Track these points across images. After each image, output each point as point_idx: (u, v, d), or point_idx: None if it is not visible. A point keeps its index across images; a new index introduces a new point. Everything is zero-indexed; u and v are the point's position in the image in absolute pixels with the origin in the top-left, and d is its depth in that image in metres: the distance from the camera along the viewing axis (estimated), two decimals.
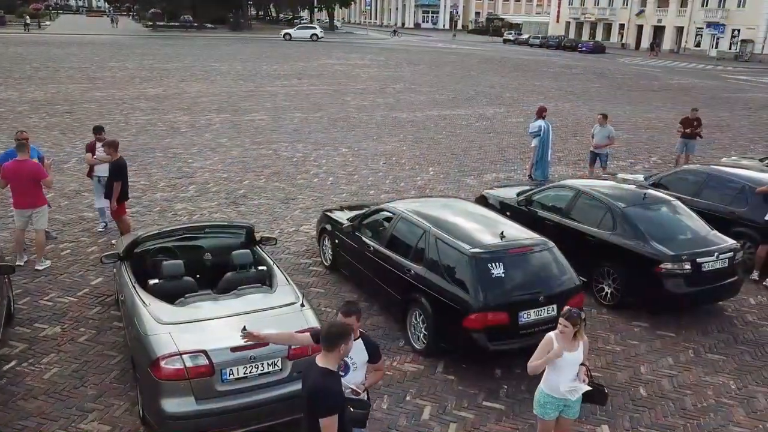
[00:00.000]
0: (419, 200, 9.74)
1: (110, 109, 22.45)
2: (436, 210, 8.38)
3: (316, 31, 64.57)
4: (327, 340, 4.25)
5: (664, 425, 6.56)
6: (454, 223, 7.72)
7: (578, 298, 7.27)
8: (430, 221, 7.77)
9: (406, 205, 8.59)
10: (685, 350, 8.06)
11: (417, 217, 7.99)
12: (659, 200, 9.50)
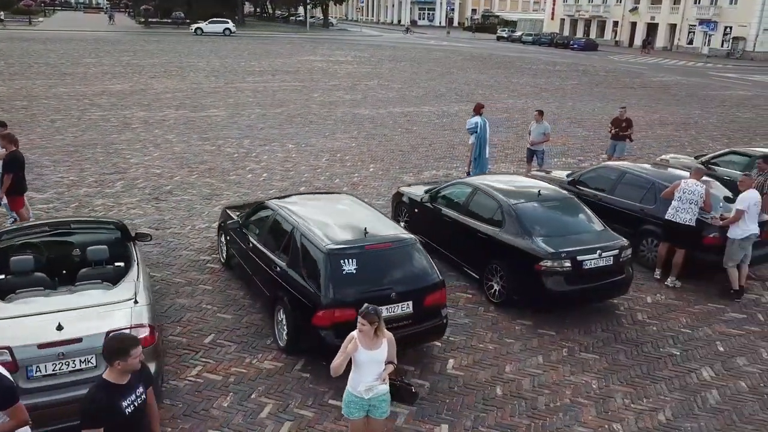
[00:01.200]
0: (305, 196, 9.66)
1: (69, 104, 22.44)
2: (313, 207, 8.32)
3: (229, 26, 63.41)
4: (104, 354, 4.20)
5: (508, 425, 6.48)
6: (323, 221, 7.64)
7: (438, 295, 7.19)
8: (300, 218, 7.70)
9: (283, 201, 8.52)
10: (560, 349, 7.97)
11: (288, 213, 7.92)
12: (553, 197, 9.40)
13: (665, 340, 8.30)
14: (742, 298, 9.62)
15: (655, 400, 7.00)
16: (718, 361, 7.88)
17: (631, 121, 15.69)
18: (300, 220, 7.59)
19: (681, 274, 9.88)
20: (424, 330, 7.19)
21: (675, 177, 10.41)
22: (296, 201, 8.61)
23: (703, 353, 8.05)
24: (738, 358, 7.97)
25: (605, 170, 11.76)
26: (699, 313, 9.12)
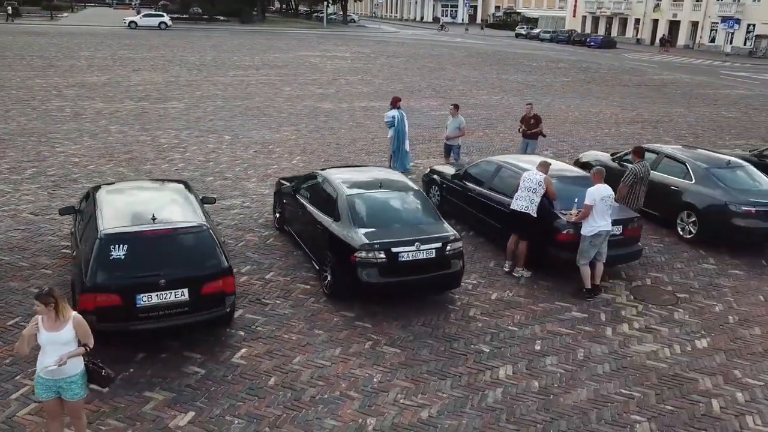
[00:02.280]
0: (136, 183, 9.68)
1: (35, 95, 22.95)
2: (128, 193, 8.39)
3: (164, 19, 62.44)
4: None
5: (258, 414, 6.40)
6: (120, 207, 7.70)
7: (221, 283, 7.14)
8: (98, 204, 7.74)
9: (111, 187, 8.59)
10: (364, 342, 7.85)
11: (92, 199, 8.01)
12: (395, 189, 9.25)
13: (482, 337, 8.10)
14: (595, 298, 9.29)
15: (430, 397, 6.84)
16: (524, 360, 7.66)
17: (540, 118, 15.22)
18: (98, 207, 7.59)
19: (527, 264, 9.81)
20: (203, 319, 7.14)
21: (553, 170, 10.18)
22: (121, 188, 8.64)
23: (515, 352, 7.83)
24: (549, 358, 7.74)
25: (486, 164, 11.54)
26: (539, 311, 8.88)
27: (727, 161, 12.11)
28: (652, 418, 6.70)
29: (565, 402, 6.88)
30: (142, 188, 9.09)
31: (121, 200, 7.89)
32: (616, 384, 7.27)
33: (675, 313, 9.08)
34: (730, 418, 6.76)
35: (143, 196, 8.32)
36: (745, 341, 8.40)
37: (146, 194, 8.43)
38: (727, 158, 12.36)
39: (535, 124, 14.86)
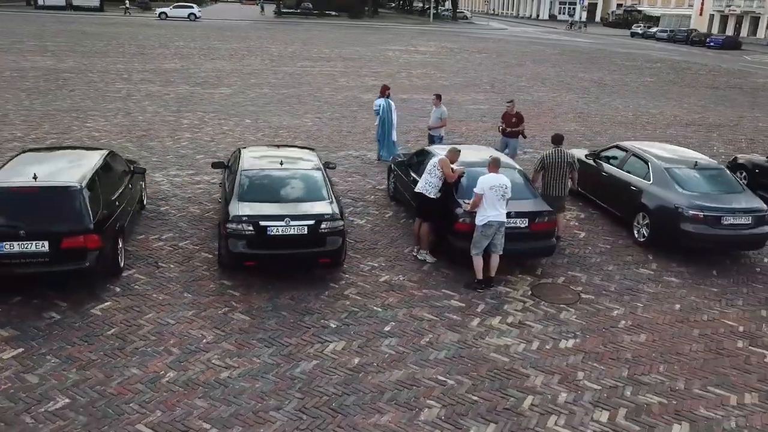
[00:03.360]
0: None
1: (104, 78, 25.25)
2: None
3: (194, 11, 62.99)
4: None
5: (76, 357, 7.03)
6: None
7: (82, 240, 7.82)
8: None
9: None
10: (222, 308, 8.27)
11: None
12: (294, 167, 9.57)
13: (338, 315, 8.27)
14: (487, 290, 9.12)
15: (243, 361, 7.17)
16: (362, 339, 7.77)
17: (522, 116, 14.58)
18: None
19: (432, 248, 9.87)
20: (64, 270, 7.86)
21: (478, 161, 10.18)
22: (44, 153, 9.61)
23: (359, 330, 7.96)
24: (389, 339, 7.80)
25: (419, 154, 11.63)
26: (418, 297, 8.88)
27: (695, 162, 11.28)
28: (449, 405, 6.62)
29: (370, 380, 6.95)
30: (63, 155, 9.97)
31: (23, 160, 8.82)
32: (437, 371, 7.21)
33: (563, 312, 8.73)
34: (532, 416, 6.55)
35: (54, 160, 9.22)
36: (617, 346, 7.96)
37: (57, 159, 9.33)
38: (698, 159, 11.50)
39: (516, 123, 14.36)
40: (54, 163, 9.02)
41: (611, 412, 6.69)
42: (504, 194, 8.93)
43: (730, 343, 8.19)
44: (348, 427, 6.20)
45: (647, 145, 12.95)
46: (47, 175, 8.34)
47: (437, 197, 9.71)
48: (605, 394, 6.99)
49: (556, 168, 10.77)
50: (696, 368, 7.60)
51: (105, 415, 6.15)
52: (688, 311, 8.97)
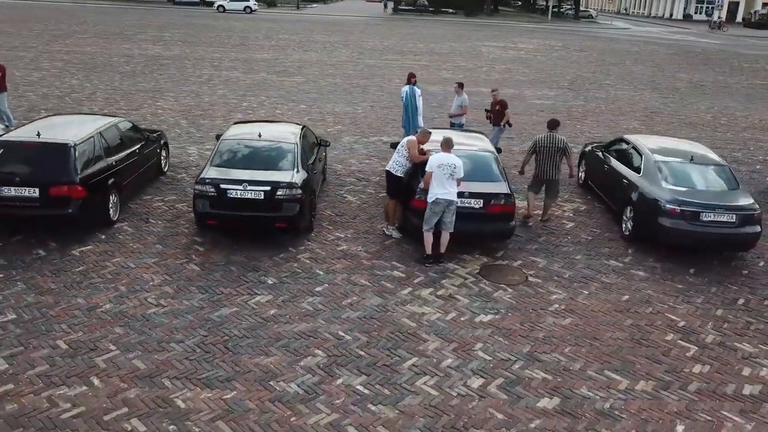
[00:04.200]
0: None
1: (196, 64, 27.49)
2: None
3: (249, 4, 62.78)
4: None
5: (29, 280, 8.28)
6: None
7: (66, 189, 9.09)
8: None
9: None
10: (182, 259, 9.25)
11: None
12: (273, 141, 10.31)
13: (278, 274, 8.97)
14: (435, 265, 9.48)
15: (179, 302, 8.07)
16: (272, 295, 8.42)
17: (506, 104, 14.38)
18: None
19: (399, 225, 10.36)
20: (50, 214, 9.18)
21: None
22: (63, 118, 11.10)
23: (294, 289, 8.60)
24: (311, 298, 8.39)
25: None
26: (365, 266, 9.38)
27: (691, 157, 10.87)
28: (332, 356, 7.14)
29: (274, 329, 7.61)
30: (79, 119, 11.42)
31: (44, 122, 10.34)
32: (341, 327, 7.73)
33: (500, 291, 8.90)
34: (407, 374, 6.93)
35: (68, 123, 10.69)
36: (534, 326, 8.07)
37: (70, 122, 10.78)
38: (697, 155, 11.06)
39: (500, 111, 14.31)
40: (65, 126, 10.44)
41: (486, 380, 6.91)
42: (453, 173, 9.20)
43: (657, 335, 8.03)
44: (231, 363, 6.91)
45: (655, 138, 12.56)
46: (51, 133, 9.68)
47: (405, 176, 10.13)
48: (492, 365, 7.19)
49: (547, 152, 10.97)
50: (604, 353, 7.57)
51: (38, 330, 7.27)
52: (635, 303, 8.82)
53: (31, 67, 24.48)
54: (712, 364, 7.50)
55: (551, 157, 11.04)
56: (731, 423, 6.48)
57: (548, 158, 11.06)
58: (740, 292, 9.31)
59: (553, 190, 11.40)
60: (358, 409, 6.32)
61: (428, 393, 6.64)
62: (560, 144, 11.04)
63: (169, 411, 6.12)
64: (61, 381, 6.44)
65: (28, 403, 6.10)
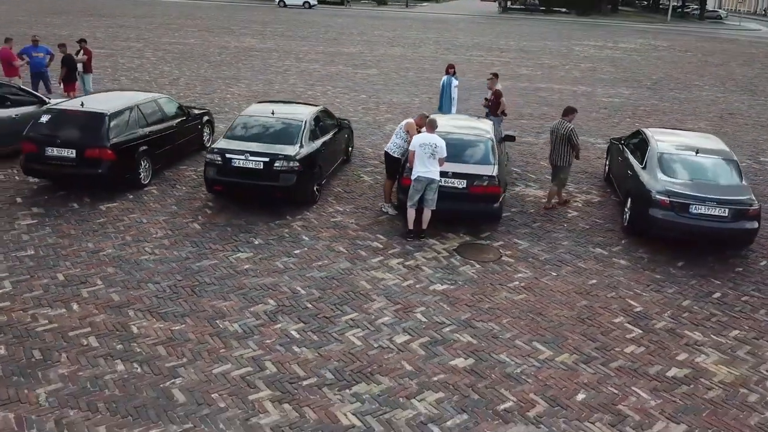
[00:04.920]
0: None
1: (282, 56, 29.17)
2: None
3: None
4: None
5: (49, 222, 9.72)
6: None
7: (98, 152, 10.50)
8: None
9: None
10: (189, 220, 10.42)
11: None
12: (282, 120, 11.23)
13: (268, 238, 9.89)
14: (415, 240, 10.02)
15: (170, 252, 9.22)
16: (252, 252, 9.33)
17: (499, 94, 14.19)
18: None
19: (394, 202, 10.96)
20: (85, 173, 10.65)
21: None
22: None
23: (273, 251, 9.50)
24: (286, 259, 9.24)
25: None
26: (351, 236, 10.07)
27: (697, 150, 10.67)
28: (282, 305, 7.94)
29: (240, 280, 8.50)
30: (126, 95, 12.89)
31: (96, 96, 11.85)
32: (301, 284, 8.50)
33: (467, 266, 9.31)
34: (340, 325, 7.58)
35: (115, 96, 12.15)
36: (484, 298, 8.43)
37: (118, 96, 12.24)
38: (704, 148, 10.83)
39: (494, 101, 14.27)
40: (108, 99, 11.93)
41: (412, 338, 7.44)
42: (433, 153, 9.70)
43: (606, 318, 8.15)
44: (192, 303, 7.89)
45: (671, 132, 12.31)
46: (93, 104, 11.16)
47: (403, 157, 10.71)
48: (424, 326, 7.69)
49: (554, 138, 11.28)
50: (541, 327, 7.83)
51: (46, 265, 8.62)
52: (600, 287, 8.93)
53: (135, 56, 27.06)
54: (648, 347, 7.56)
55: (557, 144, 11.28)
56: (636, 398, 6.61)
57: (555, 145, 11.33)
58: (720, 287, 9.12)
59: (559, 176, 11.54)
60: (282, 349, 7.06)
61: (352, 343, 7.27)
62: (563, 131, 11.19)
63: (123, 334, 7.16)
64: (47, 303, 7.68)
65: (15, 317, 7.36)
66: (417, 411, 6.22)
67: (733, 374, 7.12)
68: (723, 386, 6.90)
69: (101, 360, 6.69)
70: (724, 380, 7.01)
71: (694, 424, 6.27)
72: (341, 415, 6.10)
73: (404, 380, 6.67)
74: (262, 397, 6.28)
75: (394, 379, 6.67)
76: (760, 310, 8.56)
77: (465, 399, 6.44)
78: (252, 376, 6.57)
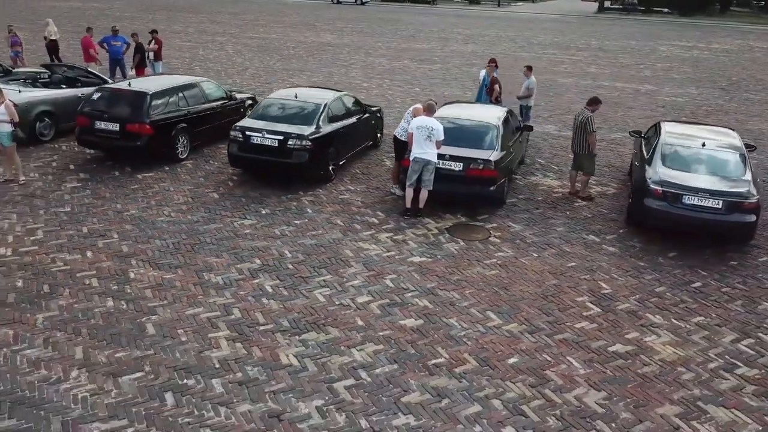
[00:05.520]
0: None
1: (354, 51, 30.23)
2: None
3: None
4: None
5: (86, 179, 11.06)
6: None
7: (138, 126, 11.81)
8: None
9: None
10: (210, 190, 11.52)
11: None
12: (308, 100, 12.09)
13: (273, 208, 10.80)
14: (411, 218, 10.60)
15: (184, 216, 10.33)
16: (256, 220, 10.23)
17: (494, 80, 14.68)
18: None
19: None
20: (126, 146, 11.99)
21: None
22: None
23: (275, 218, 10.39)
24: (283, 227, 10.09)
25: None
26: (353, 212, 10.79)
27: (703, 143, 10.59)
28: (266, 264, 8.78)
29: (237, 242, 9.42)
30: (173, 78, 14.19)
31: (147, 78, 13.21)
32: (289, 248, 9.29)
33: (451, 243, 9.78)
34: (311, 284, 8.32)
35: (160, 78, 13.45)
36: (456, 271, 8.89)
37: (162, 78, 13.54)
38: (712, 141, 10.73)
39: (490, 88, 14.63)
40: (154, 80, 13.27)
41: (373, 299, 8.06)
42: (430, 135, 10.24)
43: (569, 296, 8.42)
44: (187, 257, 8.87)
45: (687, 125, 12.14)
46: (140, 85, 12.49)
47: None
48: (389, 290, 8.29)
49: (575, 127, 11.52)
50: (501, 299, 8.22)
51: (76, 220, 9.90)
52: (577, 270, 9.16)
53: (216, 48, 28.96)
54: (601, 324, 7.79)
55: (577, 132, 11.54)
56: (566, 365, 6.93)
57: (576, 133, 11.60)
58: (704, 278, 9.11)
59: (582, 165, 11.71)
60: (253, 300, 7.89)
61: (316, 299, 7.99)
62: (581, 118, 11.38)
63: (120, 278, 8.24)
64: (67, 250, 8.89)
65: (38, 258, 8.61)
66: (353, 358, 6.85)
67: (678, 354, 7.25)
68: (661, 364, 7.06)
69: (96, 297, 7.76)
70: (665, 359, 7.16)
71: (615, 393, 6.52)
72: (283, 356, 6.83)
73: (352, 333, 7.31)
74: (220, 336, 7.12)
75: (343, 332, 7.32)
76: (737, 301, 8.51)
77: (401, 353, 7.00)
78: (217, 319, 7.43)
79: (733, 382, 6.82)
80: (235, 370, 6.56)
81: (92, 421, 5.76)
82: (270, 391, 6.26)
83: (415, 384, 6.49)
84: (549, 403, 6.33)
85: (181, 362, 6.62)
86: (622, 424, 6.09)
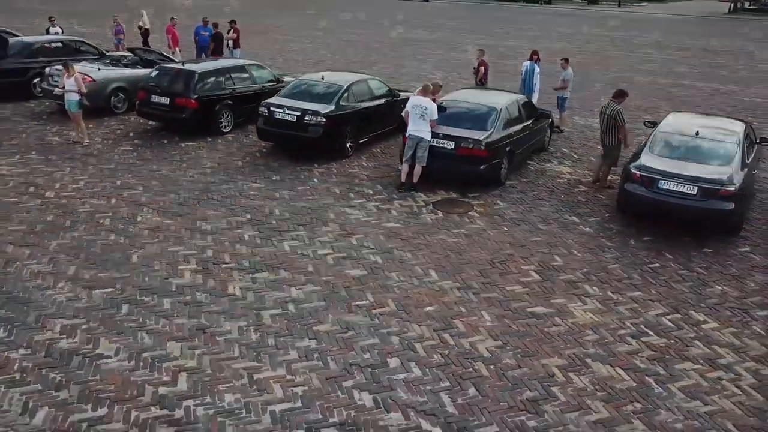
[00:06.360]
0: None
1: (440, 46, 31.05)
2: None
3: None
4: None
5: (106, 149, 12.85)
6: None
7: (185, 101, 13.54)
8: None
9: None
10: (236, 159, 12.99)
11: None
12: (330, 81, 13.25)
13: (282, 175, 12.05)
14: (403, 192, 11.44)
15: (203, 177, 11.84)
16: (263, 185, 11.48)
17: (482, 62, 15.67)
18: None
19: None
20: (174, 117, 13.74)
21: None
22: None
23: (281, 184, 11.63)
24: (284, 192, 11.29)
25: None
26: (354, 183, 11.77)
27: (697, 132, 10.59)
28: (253, 219, 10.01)
29: (236, 200, 10.72)
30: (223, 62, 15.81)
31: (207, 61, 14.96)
32: (280, 208, 10.45)
33: (430, 214, 10.50)
34: (283, 235, 9.44)
35: (211, 60, 15.15)
36: (423, 238, 9.58)
37: (213, 60, 15.22)
38: (708, 130, 10.68)
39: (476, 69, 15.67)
40: (211, 62, 14.96)
41: (331, 252, 9.02)
42: (423, 114, 11.02)
43: (517, 265, 8.90)
44: (190, 208, 10.27)
45: (694, 115, 12.01)
46: (193, 65, 14.20)
47: None
48: (349, 247, 9.21)
49: (601, 119, 11.91)
50: (449, 263, 8.84)
51: (114, 176, 11.62)
52: (538, 244, 9.59)
53: (307, 42, 30.87)
54: (533, 289, 8.27)
55: (604, 124, 11.81)
56: (477, 317, 7.55)
57: (603, 125, 11.86)
58: (666, 261, 9.23)
59: (608, 155, 11.99)
60: (228, 244, 9.11)
61: (282, 248, 9.07)
62: (607, 111, 11.65)
63: (129, 220, 9.76)
64: (96, 197, 10.59)
65: (72, 202, 10.34)
66: (288, 294, 7.87)
67: (593, 320, 7.63)
68: (571, 325, 7.48)
69: (103, 232, 9.32)
70: (578, 322, 7.57)
71: (510, 344, 7.08)
72: (231, 287, 7.98)
73: (299, 276, 8.32)
74: (187, 268, 8.39)
75: (292, 275, 8.35)
76: (687, 282, 8.63)
77: (333, 294, 7.93)
78: (191, 256, 8.72)
79: (633, 347, 7.13)
80: (186, 294, 7.78)
81: (59, 318, 7.18)
82: (206, 311, 7.42)
83: (332, 318, 7.40)
84: (442, 344, 7.01)
85: (146, 284, 7.95)
86: (500, 367, 6.66)
